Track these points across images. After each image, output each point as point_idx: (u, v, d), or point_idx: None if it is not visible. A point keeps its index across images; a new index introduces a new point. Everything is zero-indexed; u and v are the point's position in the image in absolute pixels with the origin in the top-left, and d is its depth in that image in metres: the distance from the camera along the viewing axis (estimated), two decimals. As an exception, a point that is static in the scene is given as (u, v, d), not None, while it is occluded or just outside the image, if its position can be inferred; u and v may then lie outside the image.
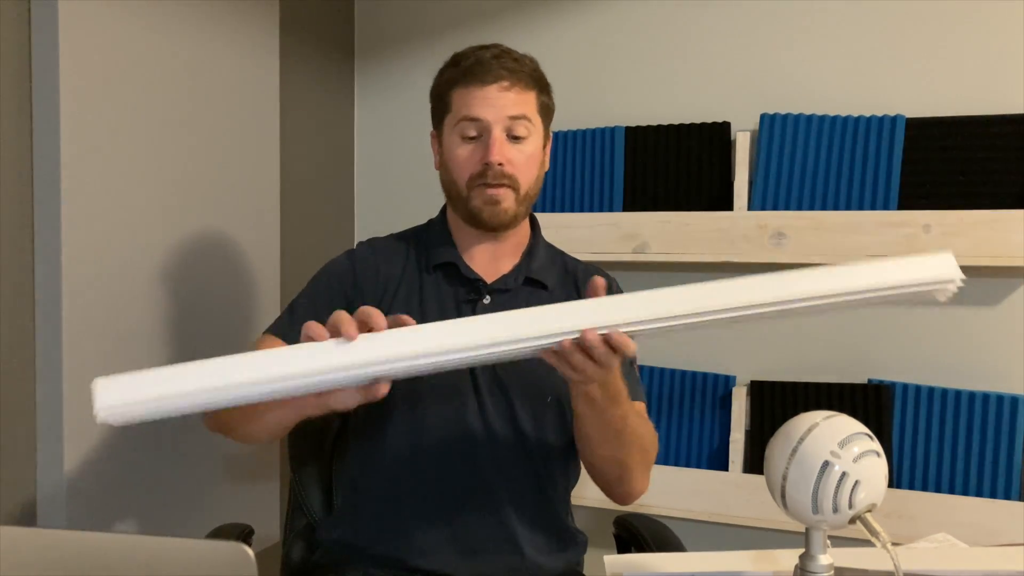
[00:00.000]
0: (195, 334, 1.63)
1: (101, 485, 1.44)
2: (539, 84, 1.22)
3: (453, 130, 1.19)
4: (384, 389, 0.90)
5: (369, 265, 1.24)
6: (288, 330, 1.18)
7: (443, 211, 1.29)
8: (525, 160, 1.18)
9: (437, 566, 1.18)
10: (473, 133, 1.17)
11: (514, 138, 1.17)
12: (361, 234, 2.28)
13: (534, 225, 1.30)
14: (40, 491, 1.39)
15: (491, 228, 1.20)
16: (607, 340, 0.89)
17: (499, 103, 1.16)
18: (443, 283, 1.23)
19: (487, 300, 1.21)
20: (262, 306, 1.81)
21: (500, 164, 1.15)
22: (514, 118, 1.17)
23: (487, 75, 1.16)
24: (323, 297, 1.22)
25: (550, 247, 1.31)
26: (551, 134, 1.29)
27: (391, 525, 1.20)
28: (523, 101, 1.18)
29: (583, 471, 1.33)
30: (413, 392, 1.18)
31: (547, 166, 1.26)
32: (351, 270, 1.23)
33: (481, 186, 1.16)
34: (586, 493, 1.86)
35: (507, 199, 1.17)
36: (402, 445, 1.20)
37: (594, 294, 0.93)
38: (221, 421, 1.14)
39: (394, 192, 2.22)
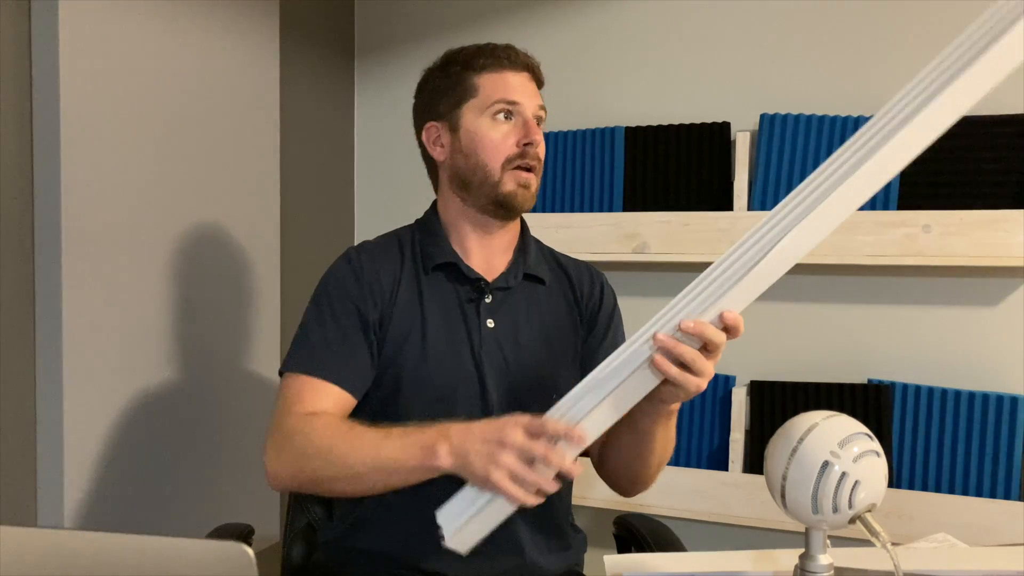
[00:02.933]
0: (195, 333, 1.63)
1: (101, 485, 1.44)
2: (542, 81, 1.26)
3: (483, 113, 1.19)
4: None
5: (370, 272, 1.21)
6: (331, 366, 1.16)
7: (433, 210, 1.28)
8: (543, 150, 1.22)
9: (438, 566, 1.18)
10: (507, 116, 1.19)
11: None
12: (361, 234, 2.28)
13: (523, 222, 1.30)
14: (40, 491, 1.39)
15: (518, 212, 1.21)
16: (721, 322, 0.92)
17: (529, 91, 1.20)
18: (444, 283, 1.22)
19: (489, 299, 1.21)
20: (262, 305, 1.81)
21: (537, 145, 1.19)
22: (540, 107, 1.22)
23: (517, 62, 1.20)
24: (348, 318, 1.18)
25: (539, 244, 1.32)
26: None
27: (392, 525, 1.20)
28: (539, 95, 1.23)
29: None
30: (417, 387, 1.18)
31: None
32: (354, 280, 1.20)
33: (518, 168, 1.18)
34: (587, 493, 1.86)
35: (533, 183, 1.20)
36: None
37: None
38: (306, 479, 1.11)
39: (394, 192, 2.22)
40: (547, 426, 0.93)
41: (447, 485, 1.18)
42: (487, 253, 1.24)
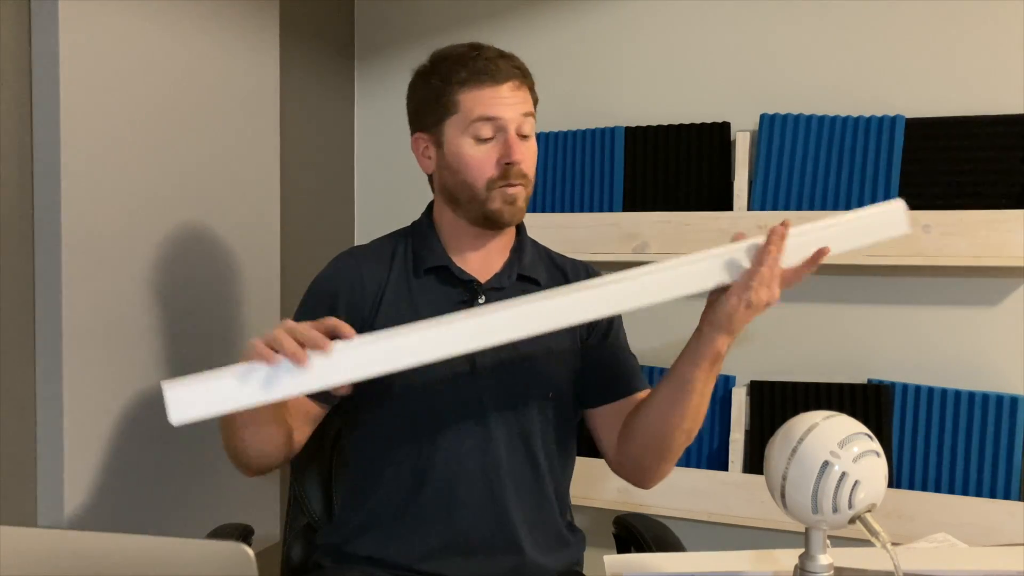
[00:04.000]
0: (196, 334, 1.63)
1: (101, 485, 1.44)
2: (531, 80, 1.22)
3: (464, 132, 1.17)
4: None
5: (353, 278, 1.22)
6: None
7: (428, 213, 1.28)
8: (532, 157, 1.20)
9: (438, 568, 1.18)
10: (489, 134, 1.16)
11: (522, 136, 1.18)
12: (361, 233, 2.28)
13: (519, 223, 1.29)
14: (40, 491, 1.39)
15: (506, 226, 1.21)
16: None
17: (511, 102, 1.16)
18: (436, 286, 1.22)
19: (482, 300, 1.21)
20: (262, 306, 1.81)
21: (519, 163, 1.16)
22: (525, 115, 1.18)
23: (499, 74, 1.16)
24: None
25: (535, 243, 1.32)
26: None
27: (392, 527, 1.20)
28: (527, 99, 1.20)
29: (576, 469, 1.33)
30: (409, 390, 1.18)
31: None
32: (332, 288, 1.22)
33: (503, 187, 1.16)
34: (587, 493, 1.86)
35: (521, 197, 1.18)
36: (403, 446, 1.20)
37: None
38: (232, 455, 1.17)
39: (394, 192, 2.22)
40: (337, 326, 0.93)
41: (448, 492, 1.19)
42: (482, 255, 1.24)
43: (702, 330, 1.09)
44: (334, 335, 0.92)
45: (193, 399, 0.90)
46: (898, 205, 1.11)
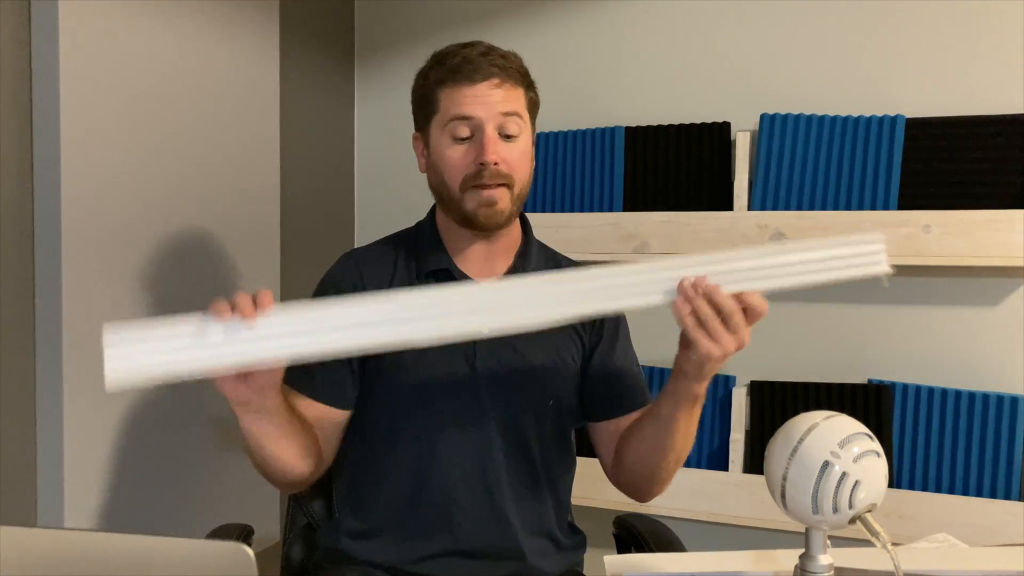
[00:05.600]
0: (195, 334, 1.63)
1: (101, 485, 1.44)
2: (526, 80, 1.19)
3: (443, 131, 1.15)
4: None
5: (354, 280, 1.21)
6: (306, 381, 1.18)
7: (432, 213, 1.26)
8: (518, 158, 1.16)
9: (438, 573, 1.18)
10: (465, 133, 1.14)
11: (506, 136, 1.14)
12: (361, 234, 2.28)
13: (525, 225, 1.27)
14: (40, 491, 1.39)
15: (486, 229, 1.17)
16: (741, 301, 0.97)
17: (490, 100, 1.13)
18: None
19: None
20: (262, 306, 1.81)
21: (495, 164, 1.13)
22: (506, 115, 1.14)
23: (476, 73, 1.13)
24: None
25: (542, 246, 1.29)
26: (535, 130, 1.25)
27: (392, 531, 1.20)
28: (513, 98, 1.16)
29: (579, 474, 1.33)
30: (411, 394, 1.18)
31: (534, 163, 1.23)
32: (335, 292, 1.19)
33: (476, 187, 1.13)
34: (587, 493, 1.86)
35: (503, 199, 1.14)
36: (402, 450, 1.19)
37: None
38: (260, 472, 1.15)
39: (394, 192, 2.22)
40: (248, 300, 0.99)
41: (447, 497, 1.18)
42: (484, 258, 1.22)
43: (677, 378, 1.06)
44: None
45: (132, 364, 0.89)
46: (877, 238, 1.06)
